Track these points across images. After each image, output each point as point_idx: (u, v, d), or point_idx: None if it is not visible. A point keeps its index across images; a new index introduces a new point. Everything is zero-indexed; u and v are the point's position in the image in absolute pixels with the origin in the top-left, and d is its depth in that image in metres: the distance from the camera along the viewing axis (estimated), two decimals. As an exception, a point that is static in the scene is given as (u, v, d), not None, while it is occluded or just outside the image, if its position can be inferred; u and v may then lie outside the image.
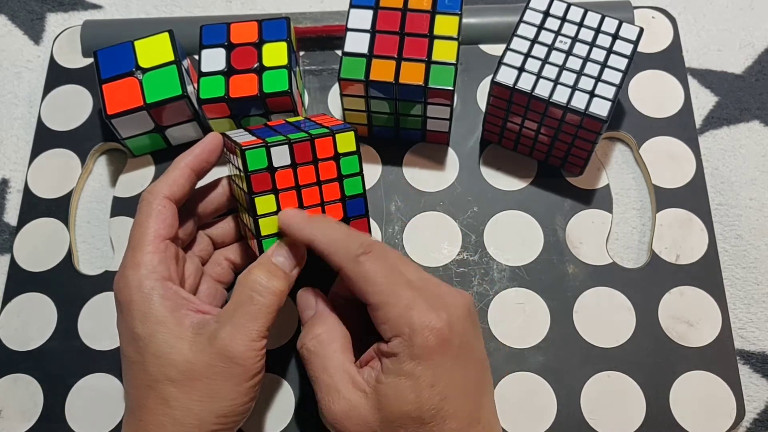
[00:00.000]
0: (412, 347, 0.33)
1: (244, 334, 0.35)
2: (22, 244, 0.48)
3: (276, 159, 0.38)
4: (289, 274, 0.37)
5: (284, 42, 0.46)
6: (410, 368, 0.33)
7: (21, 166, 0.52)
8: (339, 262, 0.36)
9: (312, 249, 0.37)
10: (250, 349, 0.35)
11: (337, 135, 0.38)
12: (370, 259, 0.35)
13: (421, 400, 0.33)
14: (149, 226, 0.37)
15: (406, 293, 0.34)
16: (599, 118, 0.42)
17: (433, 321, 0.34)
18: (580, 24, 0.45)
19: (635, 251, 0.47)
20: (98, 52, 0.47)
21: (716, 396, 0.42)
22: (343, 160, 0.39)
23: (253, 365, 0.35)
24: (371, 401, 0.34)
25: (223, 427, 0.35)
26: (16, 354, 0.45)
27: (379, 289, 0.34)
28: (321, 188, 0.39)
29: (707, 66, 0.53)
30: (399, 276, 0.35)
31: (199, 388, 0.34)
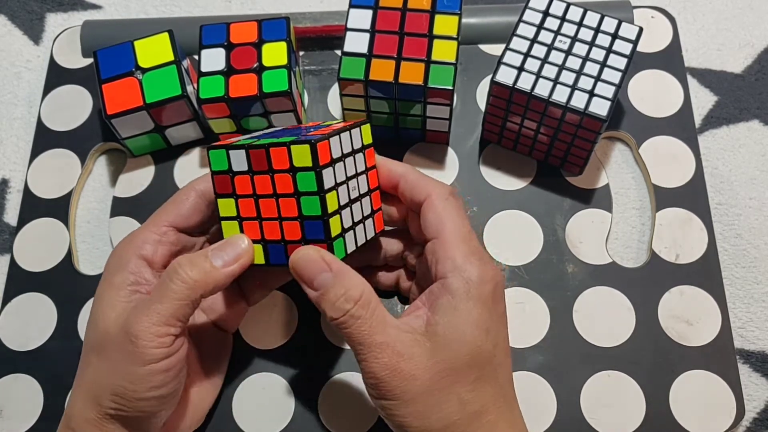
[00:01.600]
0: (471, 288, 0.34)
1: (147, 315, 0.34)
2: (22, 244, 0.48)
3: (235, 163, 0.36)
4: (216, 269, 0.35)
5: (284, 42, 0.46)
6: (469, 307, 0.34)
7: (21, 166, 0.52)
8: (430, 192, 0.37)
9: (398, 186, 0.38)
10: (149, 333, 0.33)
11: (293, 146, 0.34)
12: (457, 202, 0.37)
13: (478, 342, 0.33)
14: (164, 210, 0.39)
15: (478, 246, 0.36)
16: (599, 118, 0.42)
17: (497, 274, 0.35)
18: (580, 23, 0.45)
19: (635, 251, 0.47)
20: (98, 52, 0.47)
21: (716, 395, 0.42)
22: (299, 175, 0.35)
23: (151, 350, 0.33)
24: (426, 349, 0.33)
25: (121, 408, 0.34)
26: (16, 354, 0.45)
27: (456, 228, 0.36)
28: (278, 202, 0.36)
29: (707, 65, 0.53)
30: (468, 225, 0.37)
31: (105, 359, 0.35)
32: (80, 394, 0.35)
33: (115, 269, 0.37)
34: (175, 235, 0.38)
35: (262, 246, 0.37)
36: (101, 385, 0.34)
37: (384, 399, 0.33)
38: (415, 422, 0.33)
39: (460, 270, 0.35)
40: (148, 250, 0.37)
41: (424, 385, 0.33)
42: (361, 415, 0.42)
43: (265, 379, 0.43)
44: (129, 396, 0.34)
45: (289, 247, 0.36)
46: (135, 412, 0.34)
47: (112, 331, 0.35)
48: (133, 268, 0.37)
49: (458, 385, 0.33)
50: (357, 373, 0.43)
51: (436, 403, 0.33)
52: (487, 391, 0.34)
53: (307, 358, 0.44)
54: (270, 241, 0.37)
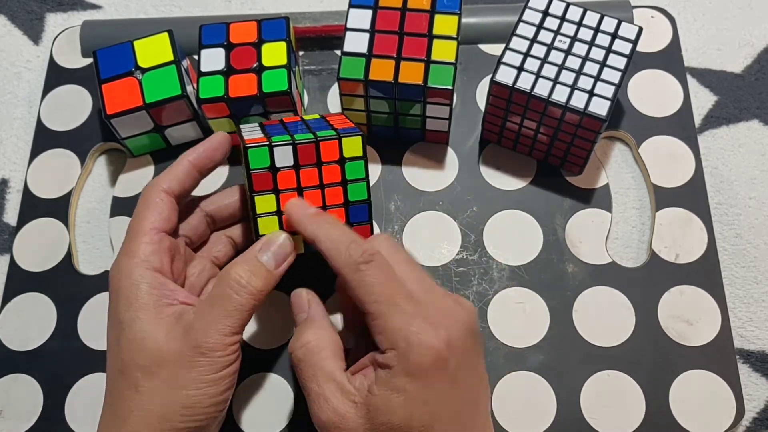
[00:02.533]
0: (407, 363, 0.33)
1: (216, 329, 0.34)
2: (21, 244, 0.48)
3: (279, 159, 0.38)
4: (272, 272, 0.37)
5: (283, 42, 0.46)
6: (403, 383, 0.33)
7: (20, 166, 0.52)
8: (339, 267, 0.35)
9: (313, 246, 0.37)
10: (221, 344, 0.35)
11: (344, 139, 0.38)
12: (370, 269, 0.34)
13: (412, 417, 0.33)
14: (146, 218, 0.38)
15: (406, 306, 0.34)
16: (598, 118, 0.42)
17: (431, 339, 0.33)
18: (579, 23, 0.45)
19: (635, 250, 0.47)
20: (97, 52, 0.47)
21: (716, 395, 0.42)
22: (348, 165, 0.39)
23: (222, 358, 0.35)
24: (360, 412, 0.33)
25: (190, 420, 0.34)
26: (16, 354, 0.45)
27: (378, 300, 0.34)
28: (323, 192, 0.39)
29: (706, 65, 0.53)
30: (400, 288, 0.35)
31: (165, 376, 0.34)
32: (138, 421, 0.34)
33: (137, 289, 0.36)
34: (168, 239, 0.38)
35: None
36: (167, 402, 0.34)
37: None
38: None
39: (395, 345, 0.33)
40: (156, 261, 0.37)
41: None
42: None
43: (265, 379, 0.43)
44: (202, 403, 0.35)
45: None
46: (205, 419, 0.35)
47: (171, 347, 0.35)
48: (155, 283, 0.36)
49: None
50: (357, 372, 0.43)
51: None
52: None
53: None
54: None
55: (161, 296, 0.36)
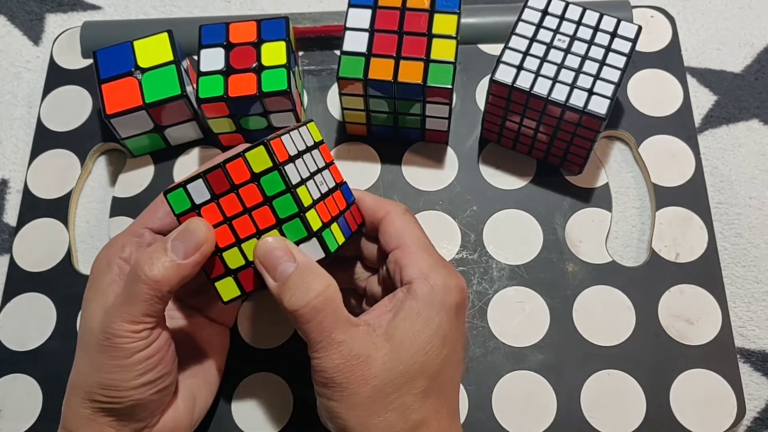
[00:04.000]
0: (436, 295, 0.34)
1: (120, 315, 0.34)
2: (21, 245, 0.48)
3: (196, 196, 0.35)
4: (177, 262, 0.34)
5: (283, 41, 0.46)
6: (432, 313, 0.34)
7: (20, 166, 0.52)
8: (389, 210, 0.37)
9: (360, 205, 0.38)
10: (123, 330, 0.34)
11: (247, 154, 0.33)
12: (414, 218, 0.38)
13: (432, 350, 0.33)
14: (140, 216, 0.39)
15: (440, 257, 0.37)
16: (598, 116, 0.42)
17: (462, 283, 0.36)
18: (579, 22, 0.45)
19: (635, 250, 0.47)
20: (97, 52, 0.47)
21: (717, 394, 0.42)
22: (263, 180, 0.34)
23: (129, 345, 0.34)
24: (382, 351, 0.33)
25: (113, 400, 0.35)
26: (16, 354, 0.45)
27: (418, 239, 0.36)
28: (251, 216, 0.34)
29: (706, 65, 0.53)
30: (430, 242, 0.37)
31: (91, 356, 0.35)
32: (73, 392, 0.36)
33: (99, 273, 0.37)
34: (150, 236, 0.38)
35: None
36: (91, 380, 0.35)
37: (329, 399, 0.34)
38: (356, 425, 0.33)
39: (426, 276, 0.35)
40: (127, 252, 0.38)
41: (373, 389, 0.33)
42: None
43: (264, 379, 0.43)
44: (118, 386, 0.34)
45: None
46: (127, 401, 0.35)
47: (95, 327, 0.35)
48: (116, 269, 0.37)
49: (405, 393, 0.33)
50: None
51: (380, 409, 0.33)
52: (432, 403, 0.34)
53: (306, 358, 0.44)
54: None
55: (114, 283, 0.37)
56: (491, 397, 0.43)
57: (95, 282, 0.37)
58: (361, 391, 0.33)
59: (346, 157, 0.49)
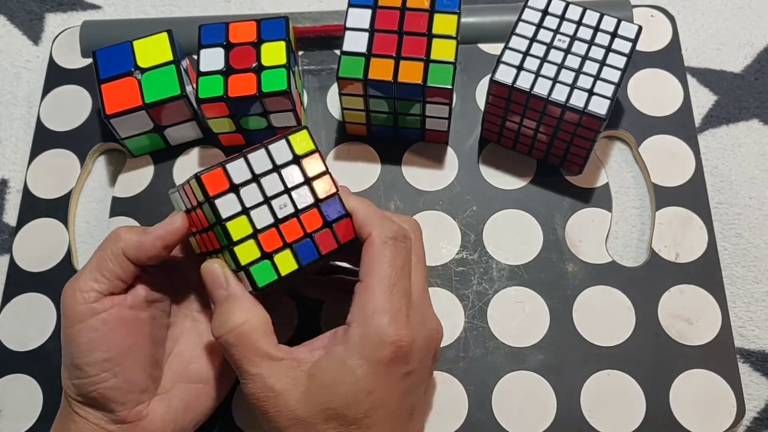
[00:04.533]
0: (366, 346, 0.33)
1: (74, 278, 0.36)
2: (21, 245, 0.48)
3: (183, 201, 0.37)
4: (144, 230, 0.36)
5: (283, 41, 0.46)
6: (357, 364, 0.33)
7: (20, 166, 0.52)
8: (371, 231, 0.35)
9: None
10: (74, 290, 0.35)
11: (190, 182, 0.35)
12: (397, 247, 0.35)
13: (354, 401, 0.33)
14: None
15: (398, 298, 0.34)
16: (598, 117, 0.42)
17: (403, 338, 0.33)
18: (579, 22, 0.45)
19: (635, 250, 0.47)
20: (97, 52, 0.47)
21: (716, 394, 0.42)
22: (203, 208, 0.35)
23: (77, 307, 0.35)
24: (300, 388, 0.33)
25: (81, 383, 0.36)
26: (16, 354, 0.45)
27: (382, 277, 0.34)
28: (209, 235, 0.36)
29: (706, 65, 0.53)
30: (402, 279, 0.35)
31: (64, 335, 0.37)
32: (63, 377, 0.38)
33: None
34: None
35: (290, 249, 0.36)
36: (65, 369, 0.37)
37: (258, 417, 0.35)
38: None
39: (364, 322, 0.34)
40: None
41: (289, 422, 0.33)
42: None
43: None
44: (75, 363, 0.36)
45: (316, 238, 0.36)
46: (91, 385, 0.36)
47: None
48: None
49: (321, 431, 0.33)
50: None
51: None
52: None
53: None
54: (294, 242, 0.36)
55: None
56: (491, 397, 0.43)
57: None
58: (277, 422, 0.34)
59: (346, 157, 0.49)
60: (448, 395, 0.43)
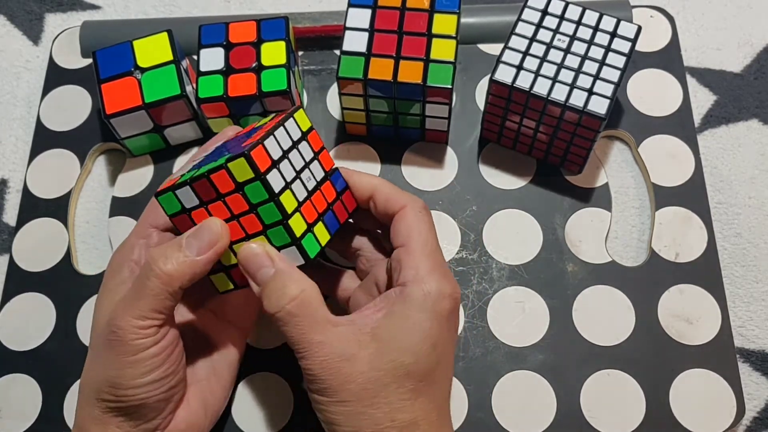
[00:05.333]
0: (428, 300, 0.34)
1: (128, 311, 0.34)
2: (21, 244, 0.48)
3: (185, 201, 0.35)
4: (191, 258, 0.34)
5: (283, 41, 0.46)
6: (422, 318, 0.34)
7: (20, 166, 0.52)
8: (405, 203, 0.37)
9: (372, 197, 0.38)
10: (131, 326, 0.34)
11: (229, 165, 0.34)
12: (429, 217, 0.38)
13: (423, 354, 0.33)
14: (145, 214, 0.40)
15: (442, 261, 0.37)
16: (598, 116, 0.42)
17: (456, 291, 0.36)
18: (579, 22, 0.45)
19: (634, 249, 0.47)
20: (97, 52, 0.47)
21: (716, 394, 0.42)
22: (247, 189, 0.34)
23: (135, 341, 0.34)
24: (368, 349, 0.33)
25: (119, 398, 0.34)
26: (15, 354, 0.45)
27: (425, 240, 0.36)
28: (240, 222, 0.35)
29: (706, 65, 0.53)
30: (438, 244, 0.37)
31: (99, 354, 0.35)
32: (83, 394, 0.36)
33: (110, 275, 0.38)
34: (158, 235, 0.39)
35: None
36: (99, 379, 0.35)
37: (318, 394, 0.34)
38: (345, 423, 0.33)
39: (421, 280, 0.35)
40: (135, 254, 0.38)
41: (360, 387, 0.33)
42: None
43: (264, 379, 0.43)
44: (124, 384, 0.34)
45: None
46: (134, 400, 0.35)
47: (104, 327, 0.35)
48: (127, 271, 0.38)
49: (393, 392, 0.33)
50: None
51: (369, 407, 0.33)
52: (421, 404, 0.34)
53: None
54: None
55: (124, 283, 0.37)
56: (491, 396, 0.43)
57: (106, 283, 0.38)
58: (347, 388, 0.33)
59: (346, 157, 0.49)
60: (448, 395, 0.43)
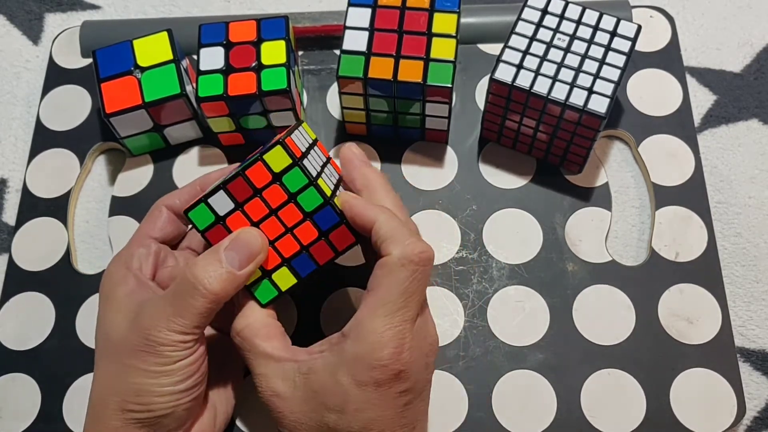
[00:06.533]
0: (358, 367, 0.33)
1: (166, 326, 0.34)
2: (20, 244, 0.48)
3: (219, 208, 0.36)
4: (234, 274, 0.35)
5: (283, 40, 0.46)
6: (346, 382, 0.33)
7: (19, 166, 0.52)
8: (391, 251, 0.34)
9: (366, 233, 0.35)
10: (170, 340, 0.34)
11: (265, 156, 0.34)
12: (412, 272, 0.34)
13: (345, 416, 0.33)
14: (143, 225, 0.41)
15: (401, 327, 0.33)
16: (598, 115, 0.42)
17: (398, 363, 0.33)
18: (579, 21, 0.45)
19: (634, 249, 0.47)
20: (97, 51, 0.47)
21: (717, 393, 0.42)
22: (285, 178, 0.35)
23: (173, 353, 0.34)
24: (299, 392, 0.34)
25: (146, 408, 0.34)
26: (14, 353, 0.45)
27: (386, 300, 0.33)
28: (278, 216, 0.36)
29: (706, 64, 0.53)
30: (412, 306, 0.34)
31: (125, 363, 0.35)
32: (100, 404, 0.36)
33: (114, 286, 0.38)
34: (156, 245, 0.40)
35: (287, 267, 0.37)
36: (123, 389, 0.35)
37: None
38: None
39: (357, 340, 0.33)
40: (135, 263, 0.39)
41: (292, 425, 0.35)
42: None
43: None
44: (156, 392, 0.34)
45: (311, 249, 0.37)
46: (164, 409, 0.35)
47: (127, 335, 0.35)
48: (132, 281, 0.38)
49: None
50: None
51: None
52: None
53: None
54: (291, 257, 0.37)
55: (134, 291, 0.37)
56: (491, 396, 0.42)
57: (111, 295, 0.37)
58: (283, 422, 0.35)
59: (346, 156, 0.49)
60: (448, 394, 0.43)
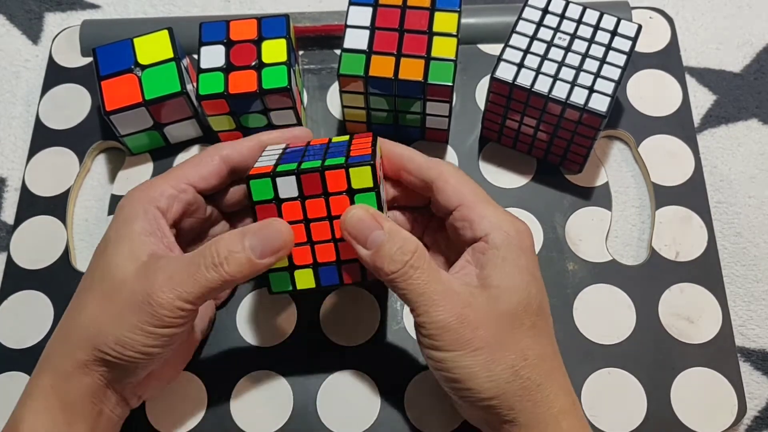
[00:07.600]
0: (513, 240, 0.36)
1: (173, 289, 0.34)
2: (19, 242, 0.48)
3: (282, 190, 0.35)
4: (253, 261, 0.34)
5: (283, 39, 0.46)
6: (516, 255, 0.35)
7: (18, 164, 0.52)
8: (441, 169, 0.38)
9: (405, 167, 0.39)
10: (171, 305, 0.34)
11: (351, 169, 0.35)
12: (468, 177, 0.39)
13: (529, 287, 0.35)
14: (185, 167, 0.39)
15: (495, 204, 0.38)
16: (598, 114, 0.42)
17: (527, 227, 0.37)
18: (579, 21, 0.45)
19: (635, 248, 0.47)
20: (97, 49, 0.47)
21: (717, 393, 0.42)
22: (357, 197, 0.35)
23: (167, 318, 0.34)
24: (481, 298, 0.34)
25: (123, 356, 0.34)
26: (13, 352, 0.45)
27: (478, 193, 0.38)
28: (332, 224, 0.36)
29: (705, 65, 0.54)
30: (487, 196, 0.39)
31: (116, 308, 0.35)
32: (73, 335, 0.35)
33: (132, 217, 0.37)
34: (192, 194, 0.39)
35: (312, 269, 0.37)
36: (105, 330, 0.34)
37: (447, 351, 0.34)
38: (482, 373, 0.33)
39: (497, 226, 0.36)
40: (164, 203, 0.37)
41: (489, 333, 0.34)
42: (360, 413, 0.42)
43: (263, 378, 0.43)
44: (136, 348, 0.34)
45: (344, 266, 0.37)
46: (134, 362, 0.35)
47: (131, 286, 0.35)
48: (152, 218, 0.37)
49: (518, 332, 0.34)
50: (356, 371, 0.43)
51: (500, 351, 0.34)
52: (542, 337, 0.36)
53: (305, 357, 0.44)
54: (322, 264, 0.37)
55: (151, 233, 0.36)
56: (491, 395, 0.42)
57: (126, 225, 0.36)
58: (478, 335, 0.33)
59: (346, 155, 0.49)
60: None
